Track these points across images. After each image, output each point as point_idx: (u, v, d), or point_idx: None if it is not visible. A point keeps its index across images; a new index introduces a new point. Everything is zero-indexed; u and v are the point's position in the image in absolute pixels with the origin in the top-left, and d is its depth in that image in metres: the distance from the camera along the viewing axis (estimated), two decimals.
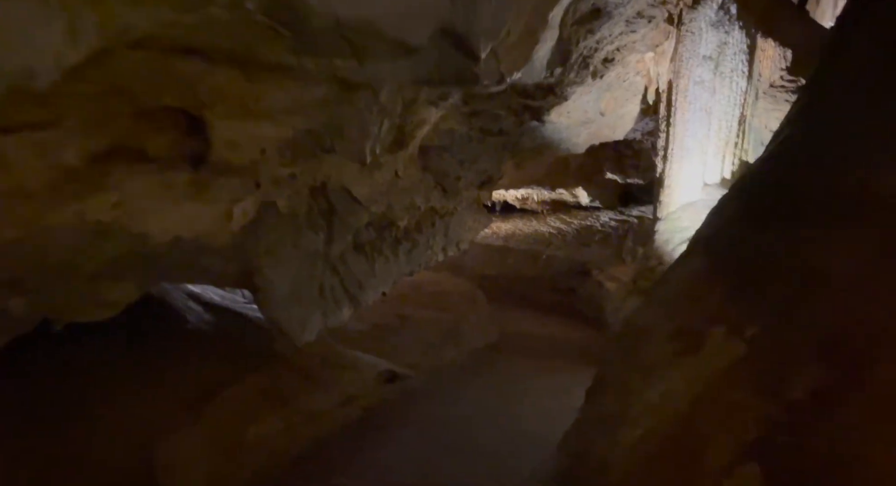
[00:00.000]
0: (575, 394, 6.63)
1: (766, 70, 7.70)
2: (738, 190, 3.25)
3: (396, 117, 4.40)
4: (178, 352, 5.16)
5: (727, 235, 2.98)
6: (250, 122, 3.65)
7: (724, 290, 2.70)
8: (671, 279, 3.32)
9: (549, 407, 6.04)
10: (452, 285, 10.99)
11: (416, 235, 6.84)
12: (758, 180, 3.02)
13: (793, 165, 2.75)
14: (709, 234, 3.22)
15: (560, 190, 14.57)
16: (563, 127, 8.74)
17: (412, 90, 4.33)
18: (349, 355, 6.35)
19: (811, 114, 2.91)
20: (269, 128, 3.72)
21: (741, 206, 3.04)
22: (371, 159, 4.16)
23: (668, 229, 7.81)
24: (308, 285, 4.84)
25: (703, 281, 2.90)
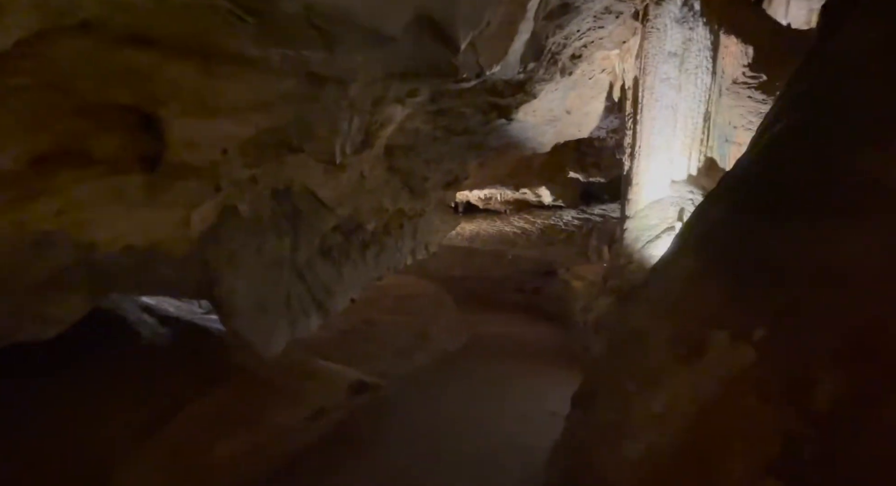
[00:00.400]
0: (552, 397, 6.53)
1: (729, 67, 7.76)
2: (729, 186, 3.15)
3: (367, 114, 4.17)
4: (131, 369, 4.80)
5: (722, 233, 2.86)
6: (210, 120, 3.36)
7: (724, 291, 2.57)
8: (662, 280, 3.19)
9: (526, 411, 5.90)
10: (419, 288, 10.77)
11: (384, 238, 6.60)
12: (751, 175, 2.91)
13: (792, 159, 2.64)
14: (700, 232, 3.10)
15: (524, 190, 14.52)
16: (530, 126, 8.62)
17: (382, 85, 4.09)
18: (316, 366, 6.06)
19: (806, 105, 2.82)
20: (230, 126, 3.43)
21: (734, 202, 2.92)
22: (341, 159, 3.91)
23: (636, 227, 7.78)
24: (273, 294, 4.55)
25: (699, 282, 2.77)
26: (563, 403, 6.20)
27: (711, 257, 2.81)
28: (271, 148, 3.77)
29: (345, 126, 3.82)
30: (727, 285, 2.57)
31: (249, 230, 4.41)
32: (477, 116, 7.86)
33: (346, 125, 3.83)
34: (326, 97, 3.56)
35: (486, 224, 14.94)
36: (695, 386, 2.39)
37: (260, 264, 4.43)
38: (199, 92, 3.17)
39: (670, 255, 3.55)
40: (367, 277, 6.25)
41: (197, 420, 4.62)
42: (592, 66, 8.07)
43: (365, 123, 4.47)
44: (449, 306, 10.10)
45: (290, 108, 3.50)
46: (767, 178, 2.75)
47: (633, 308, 3.37)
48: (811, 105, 2.79)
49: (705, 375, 2.38)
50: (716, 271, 2.71)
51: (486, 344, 9.30)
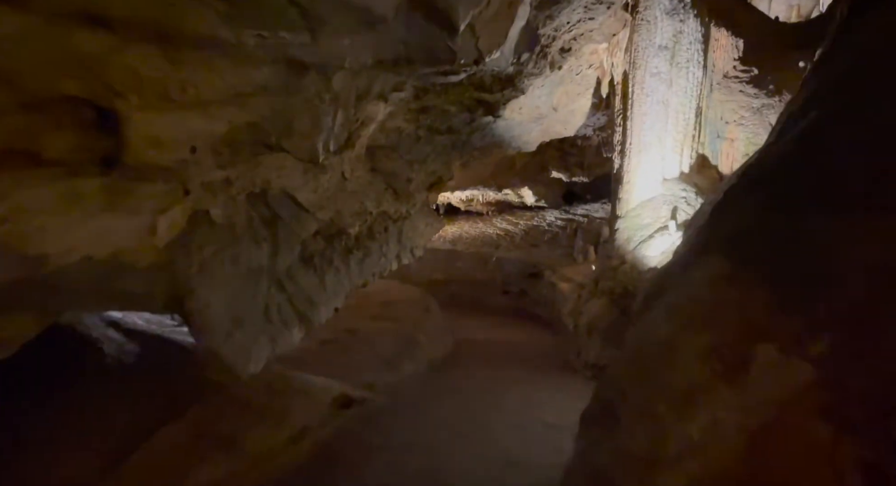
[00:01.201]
0: (547, 407, 6.24)
1: (720, 60, 7.58)
2: (757, 180, 2.87)
3: (351, 109, 3.82)
4: (95, 391, 4.37)
5: (757, 231, 2.57)
6: (175, 114, 2.98)
7: (767, 297, 2.27)
8: (684, 285, 2.89)
9: (522, 424, 5.58)
10: (402, 293, 10.41)
11: (368, 242, 6.24)
12: (787, 168, 2.63)
13: (839, 149, 2.37)
14: (729, 231, 2.81)
15: (506, 191, 14.27)
16: (516, 124, 8.33)
17: (368, 76, 3.74)
18: (298, 380, 5.68)
19: (847, 92, 2.56)
20: (199, 121, 3.06)
21: (769, 197, 2.64)
22: (324, 158, 3.56)
23: (628, 227, 7.54)
24: (251, 307, 4.17)
25: (733, 286, 2.47)
26: (560, 413, 5.94)
27: (747, 258, 2.52)
28: (246, 146, 3.39)
29: (328, 122, 3.46)
30: (770, 291, 2.28)
31: (223, 237, 4.02)
32: (461, 115, 7.56)
33: (329, 121, 3.47)
34: (308, 89, 3.20)
35: (468, 226, 14.66)
36: (740, 409, 2.09)
37: (235, 275, 4.05)
38: (162, 82, 2.80)
39: (688, 256, 3.26)
40: (351, 284, 5.88)
41: (170, 446, 4.21)
42: (580, 61, 7.81)
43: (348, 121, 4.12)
44: (434, 311, 9.76)
45: (268, 101, 3.13)
46: (810, 170, 2.47)
47: (652, 316, 3.07)
48: (853, 92, 2.53)
49: (752, 396, 2.08)
50: (754, 273, 2.42)
51: (473, 350, 8.99)
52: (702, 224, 3.34)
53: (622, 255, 7.43)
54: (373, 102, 5.60)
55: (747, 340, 2.24)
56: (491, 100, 6.67)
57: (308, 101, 3.23)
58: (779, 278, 2.31)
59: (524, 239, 13.76)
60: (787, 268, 2.30)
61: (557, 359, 8.51)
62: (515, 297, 12.48)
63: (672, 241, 6.97)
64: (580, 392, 6.60)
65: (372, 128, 6.43)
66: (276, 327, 4.37)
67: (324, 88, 3.30)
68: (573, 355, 8.24)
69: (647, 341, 2.85)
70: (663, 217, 7.22)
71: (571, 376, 7.41)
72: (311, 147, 3.42)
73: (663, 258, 6.96)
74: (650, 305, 3.57)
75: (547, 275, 11.75)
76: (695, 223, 4.01)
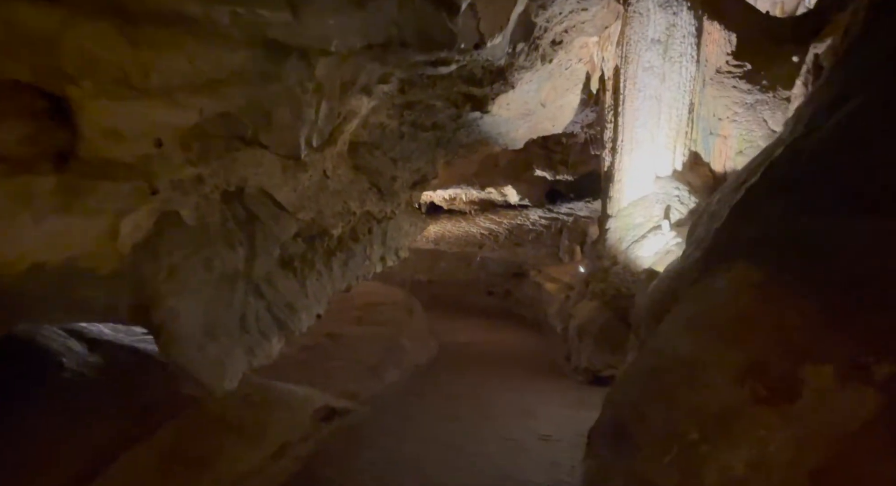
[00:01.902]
0: (540, 416, 5.97)
1: (713, 55, 7.37)
2: (784, 178, 2.62)
3: (336, 101, 3.49)
4: (55, 409, 3.98)
5: (789, 234, 2.32)
6: (137, 103, 2.63)
7: (812, 310, 2.02)
8: (705, 294, 2.63)
9: (514, 436, 5.30)
10: (385, 295, 10.08)
11: (351, 244, 5.91)
12: (824, 165, 2.38)
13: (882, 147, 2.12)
14: (753, 234, 2.55)
15: (489, 189, 14.00)
16: (503, 120, 8.05)
17: (354, 64, 3.41)
18: (276, 391, 5.32)
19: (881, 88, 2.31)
20: (165, 111, 2.71)
21: (800, 197, 2.39)
22: (307, 153, 3.23)
23: (620, 227, 7.31)
24: (226, 316, 3.82)
25: (768, 297, 2.22)
26: (554, 423, 5.68)
27: (782, 265, 2.26)
28: (220, 140, 3.05)
29: (310, 114, 3.13)
30: (815, 303, 2.03)
31: (195, 241, 3.67)
32: (448, 110, 7.27)
33: (311, 113, 3.14)
34: (288, 76, 2.87)
35: (451, 225, 14.36)
36: (794, 443, 1.82)
37: (208, 281, 3.69)
38: (120, 65, 2.45)
39: (704, 262, 3.01)
40: (333, 288, 5.54)
41: (137, 469, 3.85)
42: (569, 56, 7.55)
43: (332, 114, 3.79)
44: (418, 313, 9.46)
45: (243, 89, 2.79)
46: (854, 169, 2.22)
47: (667, 329, 2.81)
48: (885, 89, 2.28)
49: (807, 427, 1.82)
50: (792, 283, 2.16)
51: (459, 354, 8.70)
52: (718, 226, 3.09)
53: (614, 255, 7.20)
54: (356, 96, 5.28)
55: (793, 360, 1.98)
56: (479, 94, 6.38)
57: (289, 90, 2.90)
58: (824, 288, 2.05)
59: (508, 238, 13.51)
60: (834, 277, 2.04)
61: (545, 362, 8.27)
62: (500, 297, 12.23)
63: (665, 241, 6.76)
64: (573, 399, 6.37)
65: (355, 123, 6.10)
66: (254, 336, 4.02)
67: (306, 76, 2.97)
68: (562, 358, 8.00)
69: (665, 357, 2.58)
70: (656, 216, 7.00)
71: (562, 381, 7.17)
72: (293, 141, 3.09)
73: (657, 259, 6.74)
74: (660, 315, 3.32)
75: (532, 275, 11.51)
76: (704, 225, 3.76)
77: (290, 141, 3.09)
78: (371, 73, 4.16)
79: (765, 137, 7.00)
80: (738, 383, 2.09)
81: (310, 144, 3.23)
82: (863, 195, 2.13)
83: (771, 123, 7.00)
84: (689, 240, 4.08)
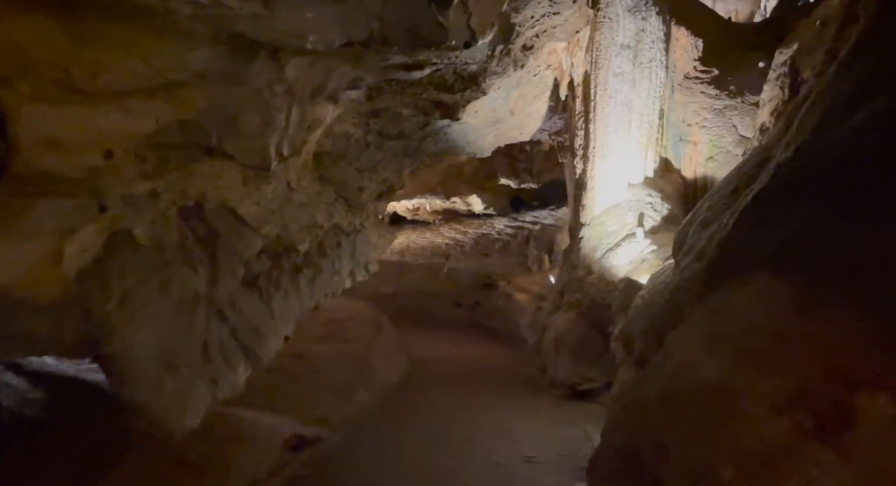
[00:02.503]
0: (522, 436, 5.72)
1: (680, 60, 7.34)
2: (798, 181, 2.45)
3: (307, 105, 3.19)
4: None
5: (820, 243, 2.14)
6: (81, 108, 2.28)
7: (861, 329, 1.83)
8: (723, 310, 2.44)
9: (498, 459, 5.03)
10: (351, 310, 9.68)
11: (319, 259, 5.58)
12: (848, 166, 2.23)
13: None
14: (772, 242, 2.36)
15: (454, 198, 13.79)
16: (471, 128, 7.86)
17: (325, 67, 3.13)
18: (241, 421, 4.94)
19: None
20: (114, 118, 2.37)
21: (827, 201, 2.21)
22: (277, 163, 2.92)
23: (594, 235, 7.16)
24: (187, 345, 3.44)
25: (805, 314, 2.02)
26: (537, 444, 5.44)
27: (816, 276, 2.07)
28: (179, 150, 2.72)
29: (280, 120, 2.84)
30: (867, 319, 1.84)
31: (150, 262, 3.30)
32: (415, 118, 7.05)
33: (282, 119, 2.85)
34: (257, 78, 2.57)
35: (415, 236, 14.08)
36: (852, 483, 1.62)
37: (166, 307, 3.32)
38: (62, 65, 2.11)
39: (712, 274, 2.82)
40: (301, 307, 5.20)
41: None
42: (538, 61, 7.42)
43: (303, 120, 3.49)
44: (387, 328, 9.12)
45: (206, 92, 2.48)
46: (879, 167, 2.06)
47: (680, 349, 2.60)
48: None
49: (866, 465, 1.62)
50: (833, 296, 1.97)
51: (431, 370, 8.40)
52: (722, 236, 2.91)
53: (588, 265, 7.06)
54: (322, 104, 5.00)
55: (842, 386, 1.78)
56: (450, 101, 6.16)
57: (257, 93, 2.60)
58: (872, 302, 1.86)
59: (475, 248, 13.31)
60: (883, 290, 1.86)
61: (520, 376, 8.05)
62: (469, 309, 11.99)
63: (641, 249, 6.64)
64: (554, 417, 6.16)
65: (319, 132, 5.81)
66: (218, 366, 3.66)
67: (276, 78, 2.67)
68: (537, 371, 7.80)
69: (684, 382, 2.36)
70: (630, 224, 6.89)
71: (539, 397, 6.95)
72: (262, 150, 2.79)
73: (632, 267, 6.62)
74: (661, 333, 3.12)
75: (501, 286, 11.32)
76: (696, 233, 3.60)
77: (259, 150, 2.79)
78: (341, 76, 3.88)
79: (735, 142, 6.99)
80: (778, 414, 1.88)
81: (280, 153, 2.93)
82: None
83: (740, 128, 6.99)
84: (678, 250, 3.92)
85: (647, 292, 4.14)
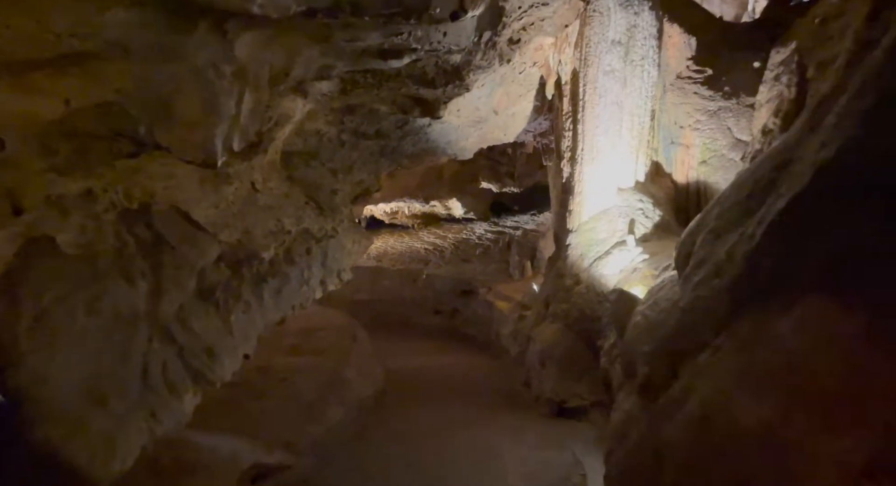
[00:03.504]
0: (509, 461, 5.27)
1: (673, 59, 6.98)
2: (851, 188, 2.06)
3: (264, 93, 2.72)
4: None
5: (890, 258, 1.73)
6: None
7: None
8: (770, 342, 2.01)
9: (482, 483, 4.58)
10: (324, 319, 9.16)
11: (286, 267, 5.08)
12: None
13: None
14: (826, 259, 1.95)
15: (433, 202, 13.34)
16: (452, 128, 7.43)
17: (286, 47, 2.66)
18: (193, 447, 4.40)
19: None
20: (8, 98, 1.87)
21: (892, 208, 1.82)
22: (224, 159, 2.44)
23: (582, 242, 6.76)
24: (121, 371, 2.93)
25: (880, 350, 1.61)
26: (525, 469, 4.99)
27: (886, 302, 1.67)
28: (100, 141, 2.22)
29: (230, 106, 2.36)
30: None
31: (76, 275, 2.79)
32: (393, 116, 6.61)
33: (231, 105, 2.37)
34: (197, 53, 2.09)
35: (393, 240, 13.60)
36: None
37: (95, 327, 2.81)
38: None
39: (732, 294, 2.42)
40: (265, 321, 4.71)
41: None
42: (524, 58, 7.01)
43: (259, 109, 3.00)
44: (362, 339, 8.61)
45: (130, 67, 2.00)
46: None
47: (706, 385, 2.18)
48: None
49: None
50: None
51: (408, 383, 7.91)
52: (750, 249, 2.50)
53: (576, 273, 6.66)
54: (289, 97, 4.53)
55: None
56: (430, 97, 5.71)
57: (197, 73, 2.13)
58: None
59: (454, 254, 12.87)
60: None
61: (503, 390, 7.59)
62: (448, 317, 11.53)
63: (632, 257, 6.25)
64: (541, 438, 5.73)
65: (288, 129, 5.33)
66: (160, 395, 3.15)
67: (222, 56, 2.20)
68: (521, 384, 7.37)
69: (718, 427, 1.94)
70: (620, 231, 6.50)
71: (524, 413, 6.50)
72: (205, 143, 2.31)
73: (623, 277, 6.22)
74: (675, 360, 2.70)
75: (482, 293, 10.88)
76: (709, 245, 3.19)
77: (202, 142, 2.31)
78: (308, 63, 3.40)
79: (729, 145, 6.64)
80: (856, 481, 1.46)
81: (229, 147, 2.45)
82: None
83: (735, 131, 6.65)
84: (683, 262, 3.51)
85: (649, 308, 3.72)
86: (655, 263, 5.90)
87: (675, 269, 3.84)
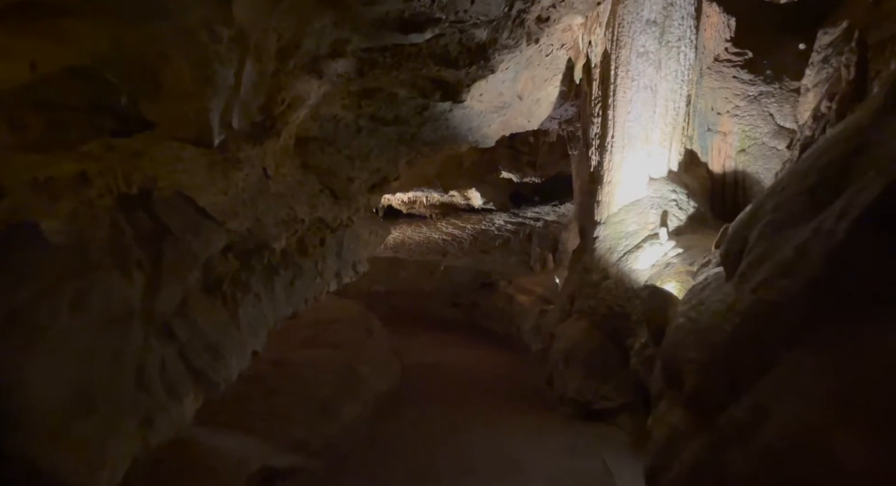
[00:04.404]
0: (531, 469, 4.97)
1: (710, 41, 6.56)
2: None
3: (270, 63, 2.40)
4: None
5: None
6: None
7: None
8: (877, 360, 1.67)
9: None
10: (339, 309, 8.90)
11: (298, 259, 4.80)
12: None
13: None
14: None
15: (452, 192, 13.00)
16: (475, 113, 7.08)
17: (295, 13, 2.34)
18: (199, 449, 4.16)
19: None
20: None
21: None
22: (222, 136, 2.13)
23: (611, 235, 6.39)
24: (111, 374, 2.66)
25: None
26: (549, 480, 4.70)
27: None
28: (77, 114, 1.93)
29: (227, 76, 2.04)
30: None
31: (61, 267, 2.51)
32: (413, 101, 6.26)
33: (229, 75, 2.05)
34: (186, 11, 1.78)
35: (411, 231, 13.30)
36: None
37: (83, 327, 2.54)
38: None
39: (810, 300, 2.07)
40: (276, 316, 4.43)
41: None
42: (551, 40, 6.63)
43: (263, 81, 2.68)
44: (378, 332, 8.35)
45: (106, 26, 1.69)
46: None
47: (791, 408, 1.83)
48: None
49: None
50: None
51: (425, 379, 7.64)
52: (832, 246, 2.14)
53: (604, 268, 6.30)
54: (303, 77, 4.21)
55: None
56: (453, 79, 5.37)
57: (187, 33, 1.81)
58: None
59: (473, 245, 12.53)
60: None
61: (523, 388, 7.29)
62: (466, 310, 11.22)
63: (664, 251, 5.87)
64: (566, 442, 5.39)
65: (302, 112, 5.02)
66: (156, 398, 2.88)
67: (217, 15, 1.89)
68: (542, 382, 7.05)
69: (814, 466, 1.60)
70: (652, 223, 6.12)
71: (546, 415, 6.18)
72: (199, 118, 2.00)
73: (654, 272, 5.84)
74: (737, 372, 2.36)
75: (502, 286, 10.55)
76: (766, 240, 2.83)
77: (195, 117, 2.00)
78: (321, 35, 3.09)
79: (771, 133, 6.22)
80: None
81: (227, 123, 2.14)
82: None
83: (778, 117, 6.22)
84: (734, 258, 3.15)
85: (693, 309, 3.37)
86: (690, 257, 5.52)
87: (722, 265, 3.49)
